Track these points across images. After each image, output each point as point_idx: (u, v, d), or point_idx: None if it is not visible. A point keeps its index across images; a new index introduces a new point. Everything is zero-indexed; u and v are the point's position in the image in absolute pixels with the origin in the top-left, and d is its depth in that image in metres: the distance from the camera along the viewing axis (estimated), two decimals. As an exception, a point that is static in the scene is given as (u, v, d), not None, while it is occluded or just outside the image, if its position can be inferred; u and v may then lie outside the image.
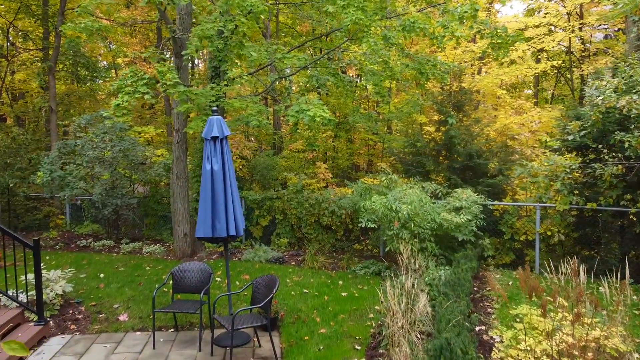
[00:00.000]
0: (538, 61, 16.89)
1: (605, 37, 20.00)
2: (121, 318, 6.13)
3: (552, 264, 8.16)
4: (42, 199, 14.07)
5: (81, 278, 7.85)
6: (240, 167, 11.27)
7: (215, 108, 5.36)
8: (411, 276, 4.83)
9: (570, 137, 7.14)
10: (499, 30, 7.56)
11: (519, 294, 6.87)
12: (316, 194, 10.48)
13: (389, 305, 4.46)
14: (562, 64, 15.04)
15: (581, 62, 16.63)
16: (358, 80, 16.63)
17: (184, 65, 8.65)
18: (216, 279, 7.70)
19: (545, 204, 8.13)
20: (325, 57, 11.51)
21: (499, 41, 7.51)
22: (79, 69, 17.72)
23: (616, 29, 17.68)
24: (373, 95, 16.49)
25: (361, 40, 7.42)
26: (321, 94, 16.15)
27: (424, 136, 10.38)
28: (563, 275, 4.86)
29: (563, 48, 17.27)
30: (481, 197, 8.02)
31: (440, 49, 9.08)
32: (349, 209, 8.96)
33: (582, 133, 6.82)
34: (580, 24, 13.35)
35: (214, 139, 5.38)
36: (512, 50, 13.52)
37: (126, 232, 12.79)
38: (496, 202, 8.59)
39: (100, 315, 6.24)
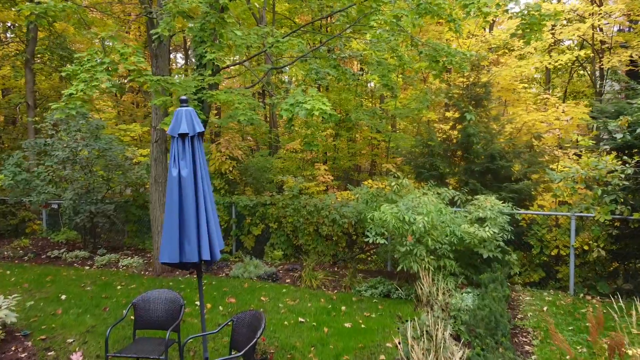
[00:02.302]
0: (549, 54, 15.69)
1: (619, 30, 18.81)
2: (74, 358, 4.95)
3: (586, 283, 6.99)
4: (18, 202, 12.92)
5: (37, 301, 6.68)
6: (230, 168, 10.10)
7: (184, 97, 4.19)
8: (439, 317, 3.66)
9: (618, 136, 5.96)
10: (531, 9, 6.38)
11: (560, 324, 5.70)
12: (315, 199, 9.31)
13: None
14: (585, 55, 13.80)
15: (600, 55, 15.45)
16: (361, 74, 15.44)
17: (157, 46, 7.47)
18: (196, 302, 6.52)
19: (581, 214, 6.96)
20: (325, 46, 10.35)
21: (531, 21, 6.33)
22: (63, 63, 16.51)
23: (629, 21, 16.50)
24: (378, 89, 15.32)
25: (369, 19, 6.23)
26: (321, 89, 14.98)
27: (437, 134, 9.20)
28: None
29: (578, 40, 16.08)
30: (508, 206, 6.85)
31: (456, 35, 7.90)
32: (353, 218, 7.79)
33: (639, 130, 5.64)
34: (606, 12, 12.14)
35: (183, 136, 4.22)
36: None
37: (108, 239, 11.64)
38: (526, 212, 7.41)
39: (49, 354, 5.07)
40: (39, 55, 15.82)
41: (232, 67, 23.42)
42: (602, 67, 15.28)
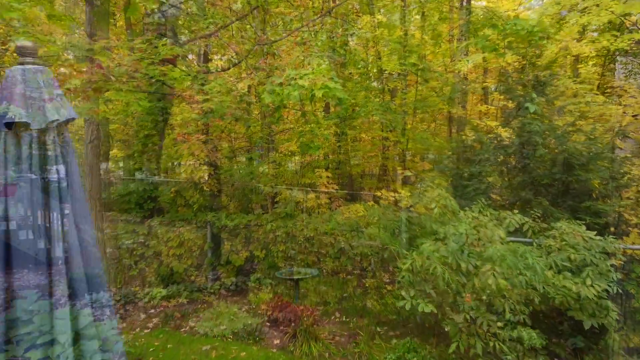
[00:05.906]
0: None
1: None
2: None
3: None
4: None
5: None
6: (206, 177, 7.78)
7: (22, 42, 1.87)
8: None
9: None
10: None
11: None
12: (315, 219, 6.99)
13: None
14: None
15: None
16: (369, 63, 13.07)
17: (93, 11, 5.18)
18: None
19: None
20: (331, 19, 8.07)
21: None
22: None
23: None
24: (386, 79, 12.95)
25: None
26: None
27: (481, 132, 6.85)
28: None
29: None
30: (612, 241, 4.52)
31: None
32: (373, 256, 5.45)
33: None
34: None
35: (12, 127, 1.90)
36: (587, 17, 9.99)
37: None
38: (635, 247, 5.08)
39: None
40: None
41: (223, 59, 21.06)
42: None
